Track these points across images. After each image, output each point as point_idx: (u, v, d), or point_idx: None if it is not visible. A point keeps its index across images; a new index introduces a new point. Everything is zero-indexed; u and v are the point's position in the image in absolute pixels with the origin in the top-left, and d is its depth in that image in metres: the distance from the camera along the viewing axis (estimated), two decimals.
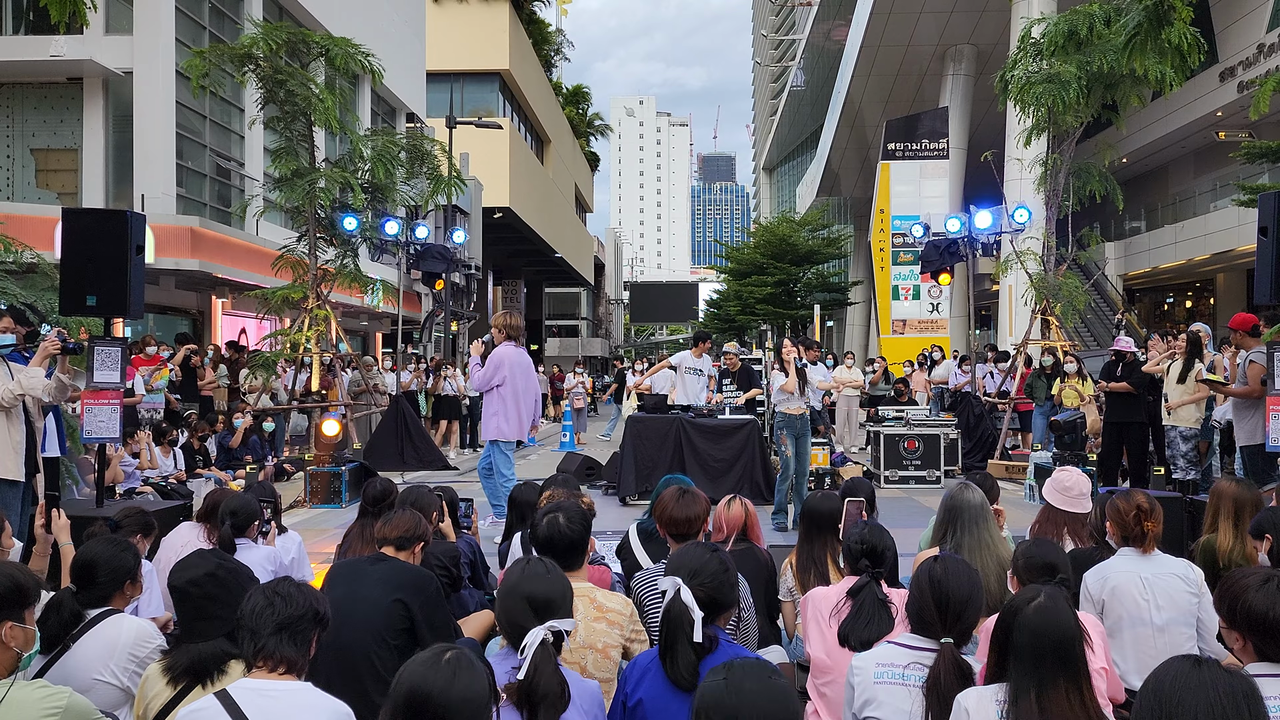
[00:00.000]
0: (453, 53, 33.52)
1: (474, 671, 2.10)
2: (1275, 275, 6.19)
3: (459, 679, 2.06)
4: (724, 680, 2.04)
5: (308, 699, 2.51)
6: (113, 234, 5.95)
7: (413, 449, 13.46)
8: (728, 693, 2.01)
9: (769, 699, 2.01)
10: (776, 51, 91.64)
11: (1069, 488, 4.37)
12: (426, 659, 2.12)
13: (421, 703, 2.03)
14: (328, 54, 12.44)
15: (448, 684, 2.05)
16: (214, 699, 2.49)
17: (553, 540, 3.35)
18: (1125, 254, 32.07)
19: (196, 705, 2.51)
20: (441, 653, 2.13)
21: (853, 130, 43.41)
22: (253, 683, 2.52)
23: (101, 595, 3.33)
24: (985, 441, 13.59)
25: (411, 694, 2.05)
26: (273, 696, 2.48)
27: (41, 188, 17.68)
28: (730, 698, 2.00)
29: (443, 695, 2.03)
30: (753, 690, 2.01)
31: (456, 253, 17.45)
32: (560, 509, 3.44)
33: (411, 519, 3.88)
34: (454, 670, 2.07)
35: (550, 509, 3.47)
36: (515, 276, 49.13)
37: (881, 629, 3.28)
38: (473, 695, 2.06)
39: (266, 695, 2.48)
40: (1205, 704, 1.89)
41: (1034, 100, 12.50)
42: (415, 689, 2.05)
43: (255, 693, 2.48)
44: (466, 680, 2.07)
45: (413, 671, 2.09)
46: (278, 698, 2.48)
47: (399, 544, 3.81)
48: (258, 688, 2.49)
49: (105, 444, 6.29)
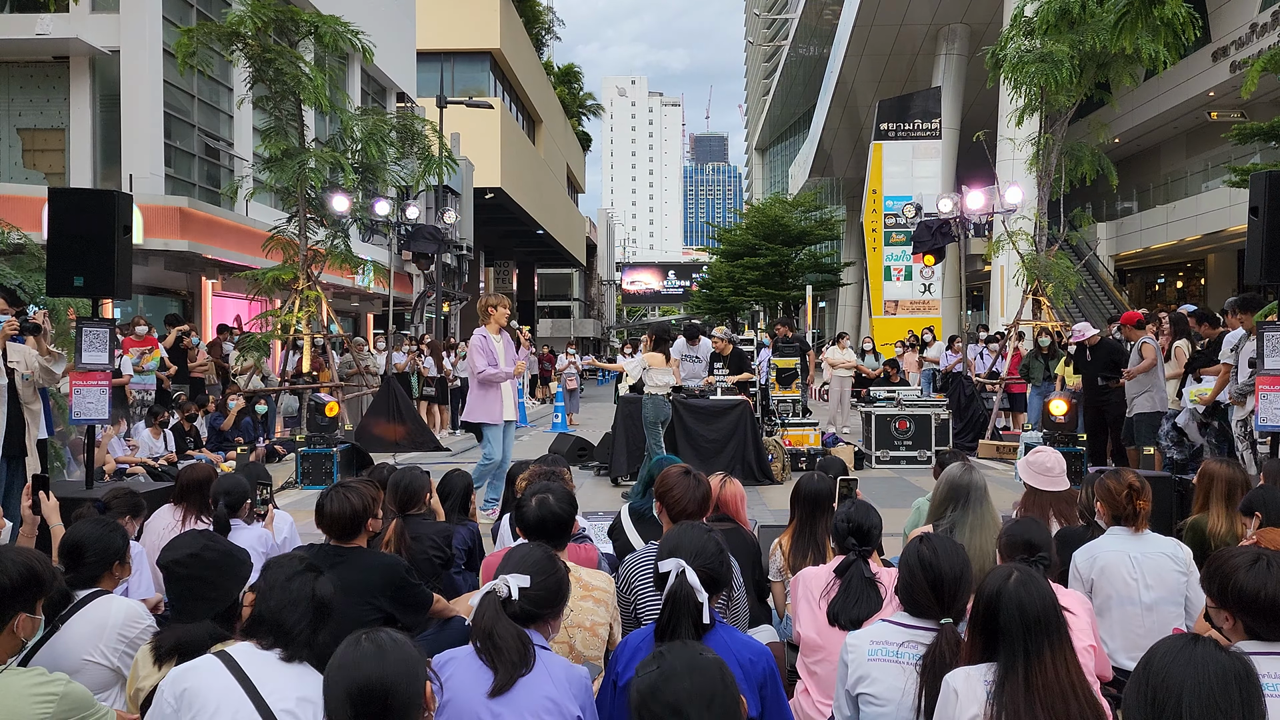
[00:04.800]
0: (443, 32, 33.28)
1: (396, 642, 2.10)
2: (1266, 255, 6.20)
3: (387, 655, 2.06)
4: (656, 669, 2.04)
5: (303, 670, 2.52)
6: (100, 214, 5.90)
7: (404, 430, 13.42)
8: (662, 680, 2.01)
9: (704, 678, 2.01)
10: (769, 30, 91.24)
11: (1049, 468, 4.36)
12: (350, 649, 2.10)
13: (365, 690, 2.02)
14: (317, 32, 12.32)
15: (378, 661, 2.05)
16: (213, 656, 2.49)
17: (544, 521, 3.34)
18: (1117, 234, 32.10)
19: (196, 661, 2.51)
20: (358, 638, 2.12)
21: (845, 110, 43.28)
22: (251, 648, 2.52)
23: (90, 575, 3.32)
24: (976, 422, 13.62)
25: (352, 686, 2.03)
26: (270, 662, 2.48)
27: (28, 168, 17.55)
28: (666, 684, 2.00)
29: (378, 674, 2.03)
30: (686, 672, 2.01)
31: (447, 233, 17.39)
32: (549, 489, 3.43)
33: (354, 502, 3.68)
34: (378, 647, 2.07)
35: (538, 489, 3.46)
36: (507, 257, 49.03)
37: (870, 607, 3.30)
38: (406, 666, 2.06)
39: (266, 660, 2.48)
40: (1193, 681, 1.87)
41: (1026, 79, 12.47)
42: (353, 681, 2.04)
43: (254, 655, 2.49)
44: (395, 654, 2.07)
45: (342, 666, 2.08)
46: (275, 664, 2.48)
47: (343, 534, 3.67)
48: (258, 654, 2.50)
49: (94, 425, 6.26)
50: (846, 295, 45.75)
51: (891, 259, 30.28)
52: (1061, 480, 4.36)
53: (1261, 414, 6.29)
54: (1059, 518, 4.31)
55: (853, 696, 2.78)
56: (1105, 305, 28.33)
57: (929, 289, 29.99)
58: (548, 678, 2.53)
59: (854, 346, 19.87)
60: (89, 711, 2.68)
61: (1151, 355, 9.34)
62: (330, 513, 3.63)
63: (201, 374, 13.49)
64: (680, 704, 1.97)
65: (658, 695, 2.00)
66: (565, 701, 2.50)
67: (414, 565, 4.00)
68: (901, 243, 28.52)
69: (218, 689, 2.42)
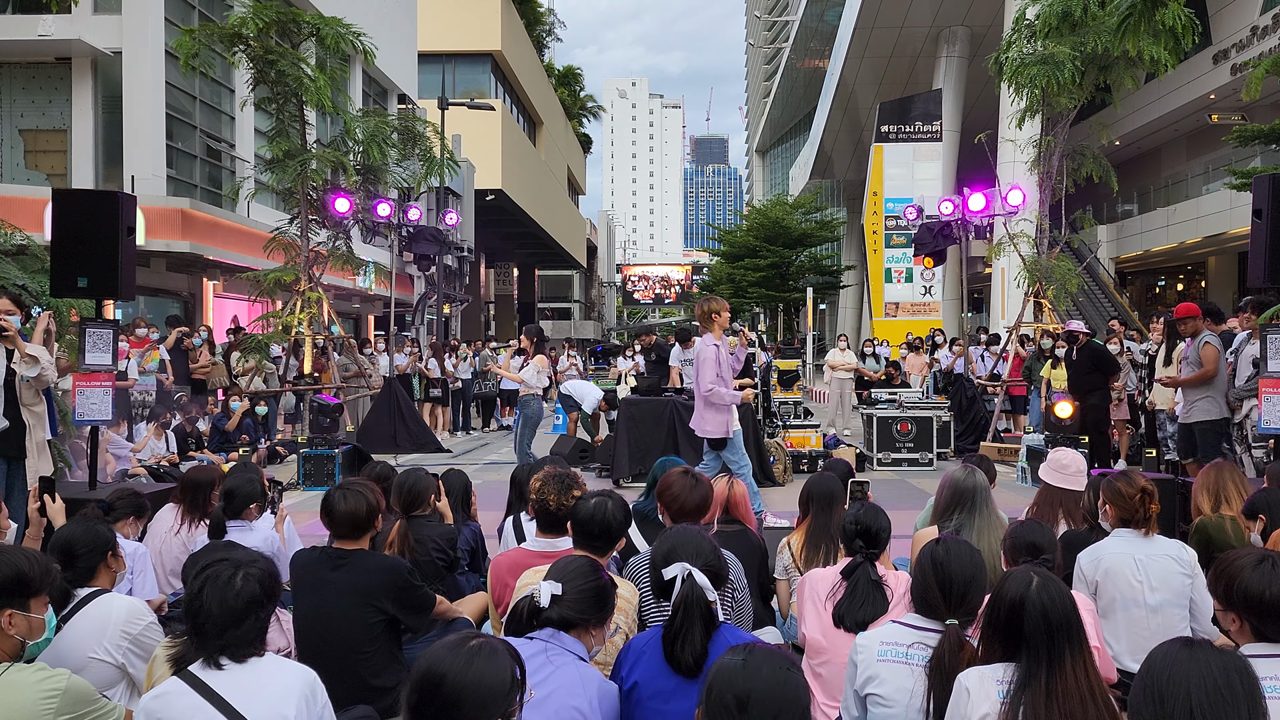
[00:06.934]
0: (444, 33, 33.30)
1: (495, 659, 2.06)
2: (1268, 258, 6.20)
3: (475, 665, 2.03)
4: (742, 661, 2.03)
5: (274, 667, 2.52)
6: (103, 215, 5.90)
7: (406, 431, 13.43)
8: (744, 673, 2.00)
9: (782, 685, 2.00)
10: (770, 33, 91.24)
11: (1065, 465, 4.41)
12: (450, 643, 2.10)
13: (435, 685, 2.01)
14: (318, 34, 12.34)
15: (464, 668, 2.02)
16: (177, 680, 2.48)
17: (595, 524, 3.37)
18: (1117, 237, 32.08)
19: (161, 689, 2.49)
20: (466, 638, 2.10)
21: (846, 113, 43.28)
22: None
23: (87, 569, 3.37)
24: (978, 424, 13.61)
25: (426, 675, 2.03)
26: (234, 671, 2.48)
27: (31, 169, 17.56)
28: (746, 679, 1.99)
29: (456, 679, 2.00)
30: (769, 677, 2.00)
31: (448, 235, 17.39)
32: (609, 495, 3.45)
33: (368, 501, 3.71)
34: (472, 656, 2.05)
35: (597, 494, 3.47)
36: (507, 259, 49.04)
37: (876, 609, 3.30)
38: (488, 682, 2.02)
39: (230, 670, 2.48)
40: (1198, 678, 1.92)
41: (1028, 81, 12.49)
42: (430, 671, 2.03)
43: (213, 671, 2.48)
44: (483, 666, 2.03)
45: (432, 654, 2.08)
46: (238, 672, 2.48)
47: (351, 533, 3.68)
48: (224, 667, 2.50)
49: (97, 426, 6.26)
50: (847, 297, 45.75)
51: (892, 261, 30.30)
52: (1076, 480, 4.39)
53: (1264, 417, 6.28)
54: (1068, 517, 4.33)
55: (861, 697, 2.79)
56: (1106, 307, 28.30)
57: (930, 291, 30.00)
58: (581, 690, 2.51)
59: (854, 348, 19.86)
60: (93, 707, 2.68)
61: (1213, 360, 8.01)
62: (345, 512, 3.63)
63: (203, 375, 13.50)
64: (748, 699, 1.97)
65: (732, 683, 1.99)
66: (592, 716, 2.50)
67: (417, 567, 4.01)
68: (902, 245, 28.54)
69: (190, 711, 2.41)
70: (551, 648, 2.59)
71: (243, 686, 2.45)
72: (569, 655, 2.59)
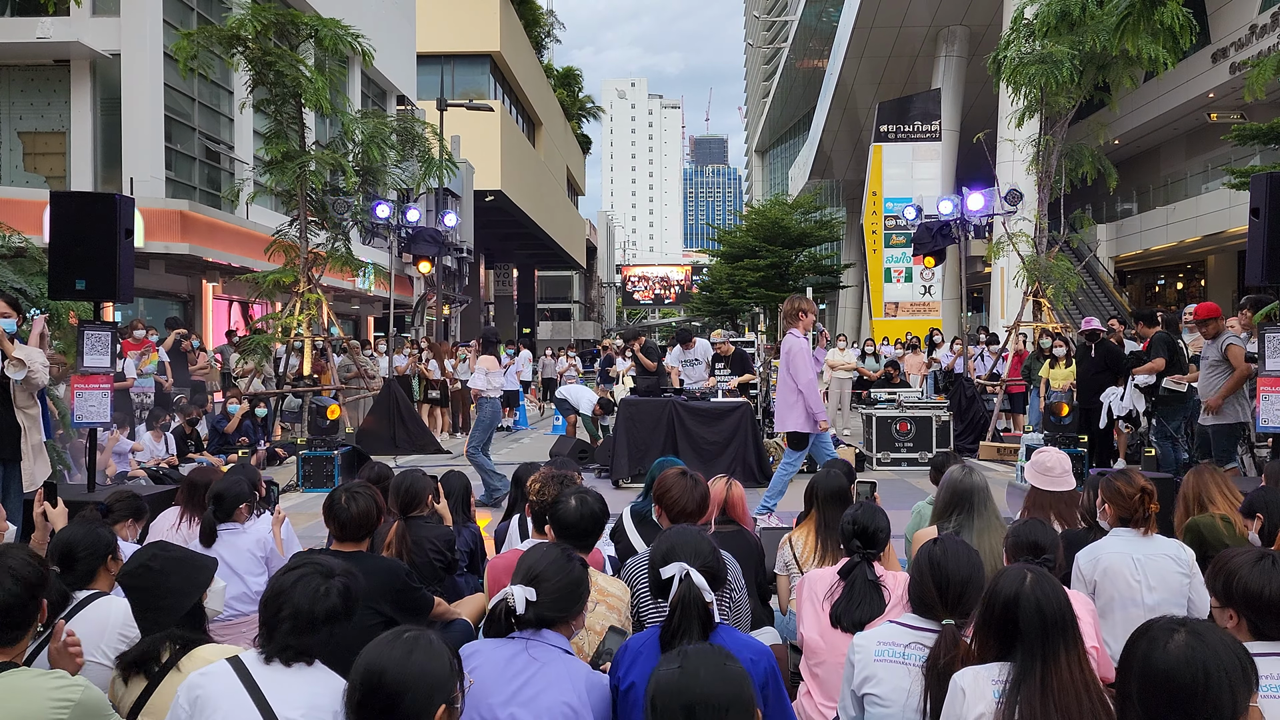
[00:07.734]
0: (443, 34, 33.30)
1: (432, 650, 2.10)
2: (1267, 257, 6.20)
3: (415, 656, 2.07)
4: (679, 669, 2.03)
5: (317, 677, 2.52)
6: (101, 217, 5.91)
7: (405, 432, 13.44)
8: (683, 678, 2.00)
9: (724, 683, 2.00)
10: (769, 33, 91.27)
11: (1050, 468, 4.34)
12: (386, 639, 2.13)
13: (376, 679, 2.04)
14: (317, 35, 12.35)
15: (403, 660, 2.05)
16: (225, 664, 2.50)
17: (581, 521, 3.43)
18: (1117, 236, 32.08)
19: (210, 668, 2.53)
20: (400, 633, 2.14)
21: (845, 112, 43.29)
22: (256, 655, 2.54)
23: (86, 571, 3.36)
24: (977, 424, 13.62)
25: (367, 672, 2.06)
26: (281, 669, 2.49)
27: (29, 171, 17.56)
28: (686, 683, 1.99)
29: (398, 671, 2.04)
30: (708, 676, 2.00)
31: (448, 236, 17.38)
32: (585, 492, 3.48)
33: (377, 503, 3.72)
34: (410, 647, 2.08)
35: (576, 492, 3.50)
36: (507, 260, 49.03)
37: (873, 610, 3.30)
38: (431, 669, 2.06)
39: (277, 667, 2.49)
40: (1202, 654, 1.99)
41: (1027, 81, 12.50)
42: (370, 667, 2.06)
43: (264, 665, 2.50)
44: (423, 656, 2.07)
45: (368, 651, 2.11)
46: (285, 670, 2.49)
47: (356, 536, 3.68)
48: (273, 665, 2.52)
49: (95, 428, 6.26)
50: (847, 297, 45.74)
51: (892, 261, 30.29)
52: (1063, 480, 4.33)
53: (1262, 415, 6.29)
54: (1059, 519, 4.27)
55: (858, 697, 2.79)
56: (1105, 307, 28.30)
57: (929, 291, 30.00)
58: (569, 684, 2.52)
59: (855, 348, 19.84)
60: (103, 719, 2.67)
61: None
62: (351, 514, 3.63)
63: (202, 377, 13.50)
64: (694, 707, 1.96)
65: (675, 694, 1.99)
66: (582, 711, 2.50)
67: (414, 568, 4.00)
68: (902, 244, 28.53)
69: (228, 696, 2.43)
70: (533, 645, 2.59)
71: (284, 687, 2.46)
72: (554, 650, 2.59)
